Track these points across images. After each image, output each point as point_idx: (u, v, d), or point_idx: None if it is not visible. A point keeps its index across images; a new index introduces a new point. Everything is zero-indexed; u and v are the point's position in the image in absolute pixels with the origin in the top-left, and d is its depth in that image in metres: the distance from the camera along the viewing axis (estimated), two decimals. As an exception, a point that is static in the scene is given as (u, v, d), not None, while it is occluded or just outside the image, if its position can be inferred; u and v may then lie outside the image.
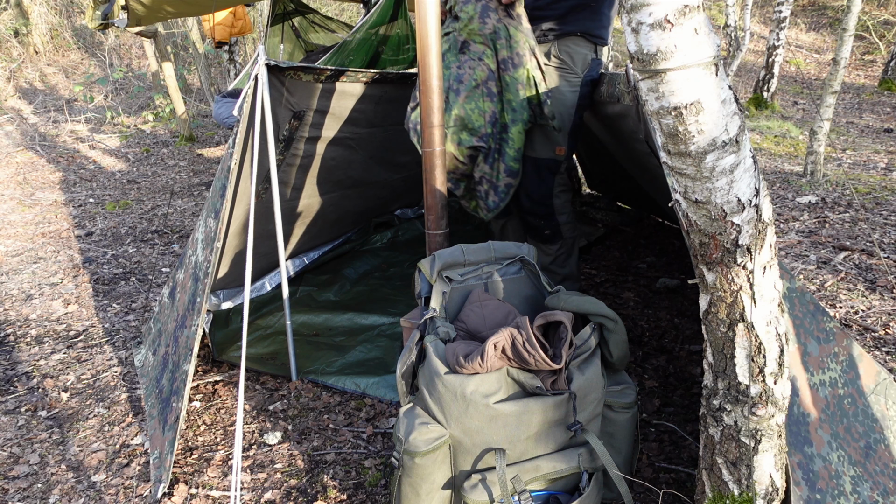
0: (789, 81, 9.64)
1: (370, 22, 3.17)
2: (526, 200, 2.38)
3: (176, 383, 1.93)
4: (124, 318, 2.93)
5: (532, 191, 2.35)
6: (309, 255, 3.22)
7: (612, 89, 2.09)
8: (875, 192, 4.22)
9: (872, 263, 3.07)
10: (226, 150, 1.93)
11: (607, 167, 3.59)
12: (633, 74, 1.81)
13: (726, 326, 1.20)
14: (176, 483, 1.82)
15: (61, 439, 2.07)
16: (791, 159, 5.57)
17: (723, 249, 1.14)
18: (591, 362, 1.51)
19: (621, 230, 3.81)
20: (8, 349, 2.68)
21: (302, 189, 2.62)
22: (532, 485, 1.46)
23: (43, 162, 6.25)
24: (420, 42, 1.83)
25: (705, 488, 1.38)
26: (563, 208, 2.40)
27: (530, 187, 2.35)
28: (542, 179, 2.33)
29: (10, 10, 9.82)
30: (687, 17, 0.93)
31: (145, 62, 9.64)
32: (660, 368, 2.31)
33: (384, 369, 2.35)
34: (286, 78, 2.02)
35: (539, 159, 2.30)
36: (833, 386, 1.48)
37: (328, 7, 10.17)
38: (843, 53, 4.52)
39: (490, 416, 1.41)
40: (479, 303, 1.71)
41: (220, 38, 6.08)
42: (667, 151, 1.08)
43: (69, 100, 8.75)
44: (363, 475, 1.83)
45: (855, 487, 1.37)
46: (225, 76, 8.91)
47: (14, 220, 4.51)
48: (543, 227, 2.41)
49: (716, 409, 1.29)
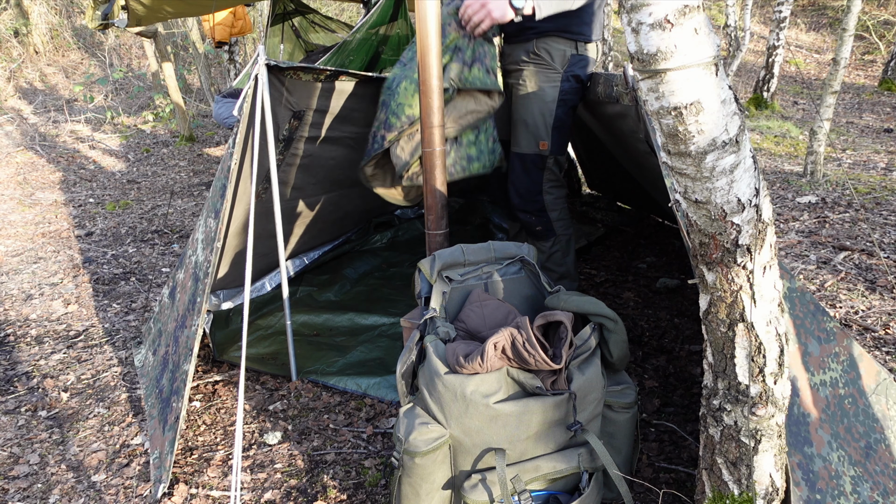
0: (789, 81, 9.64)
1: (370, 22, 3.17)
2: (515, 197, 2.44)
3: (176, 383, 1.93)
4: (124, 318, 2.93)
5: (520, 186, 2.41)
6: (309, 255, 3.22)
7: (609, 90, 2.09)
8: (875, 192, 4.22)
9: (872, 263, 3.07)
10: (226, 150, 1.93)
11: (607, 167, 3.59)
12: (632, 75, 1.81)
13: (726, 326, 1.20)
14: (176, 483, 1.82)
15: (61, 439, 2.07)
16: (791, 159, 5.57)
17: (723, 249, 1.14)
18: (591, 362, 1.51)
19: (621, 230, 3.80)
20: (8, 349, 2.68)
21: (302, 189, 2.62)
22: (532, 485, 1.46)
23: (43, 162, 6.25)
24: (420, 42, 1.83)
25: (705, 488, 1.38)
26: (554, 205, 2.44)
27: (518, 183, 2.41)
28: (529, 175, 2.39)
29: (10, 10, 9.82)
30: (687, 17, 0.93)
31: (145, 62, 9.64)
32: (660, 368, 2.31)
33: (385, 369, 2.35)
34: (286, 78, 2.02)
35: (524, 155, 2.37)
36: (834, 386, 1.48)
37: (328, 7, 10.17)
38: (843, 53, 4.52)
39: (490, 416, 1.41)
40: (479, 303, 1.71)
41: (220, 38, 6.08)
42: (667, 151, 1.08)
43: (69, 100, 8.75)
44: (363, 475, 1.83)
45: (855, 487, 1.37)
46: (225, 76, 8.92)
47: (14, 220, 4.51)
48: (535, 224, 2.46)
49: (716, 409, 1.29)
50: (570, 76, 2.28)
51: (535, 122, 2.32)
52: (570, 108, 2.34)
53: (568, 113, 2.34)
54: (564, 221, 2.49)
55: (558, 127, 2.33)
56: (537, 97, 2.29)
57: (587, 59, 2.30)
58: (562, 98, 2.30)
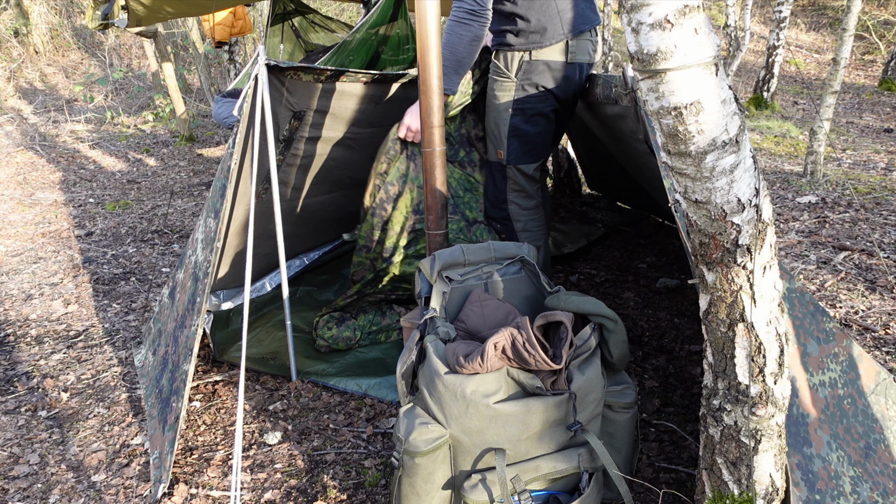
0: (789, 81, 9.64)
1: (370, 22, 3.17)
2: (486, 202, 2.54)
3: (176, 383, 1.93)
4: (124, 318, 2.93)
5: (488, 192, 2.51)
6: (309, 256, 3.22)
7: (608, 91, 2.09)
8: (875, 192, 4.22)
9: (872, 263, 3.07)
10: (226, 150, 1.93)
11: (607, 167, 3.59)
12: (631, 76, 1.82)
13: (726, 326, 1.20)
14: (176, 483, 1.82)
15: (61, 439, 2.07)
16: (791, 159, 5.58)
17: (723, 249, 1.14)
18: (591, 362, 1.51)
19: (621, 230, 3.81)
20: (8, 349, 2.68)
21: (302, 189, 2.62)
22: (532, 485, 1.46)
23: (43, 162, 6.25)
24: (420, 42, 1.83)
25: (705, 488, 1.38)
26: (519, 215, 2.44)
27: (487, 189, 2.52)
28: (496, 182, 2.46)
29: (10, 10, 9.82)
30: (687, 17, 0.93)
31: (145, 62, 9.64)
32: (660, 368, 2.31)
33: (385, 369, 2.35)
34: (286, 78, 2.02)
35: (491, 162, 2.45)
36: (833, 386, 1.48)
37: (328, 7, 10.18)
38: (843, 53, 4.52)
39: (490, 416, 1.41)
40: (479, 303, 1.72)
41: (220, 38, 6.08)
42: (667, 151, 1.08)
43: (69, 100, 8.75)
44: (363, 475, 1.83)
45: (854, 488, 1.37)
46: (225, 76, 8.92)
47: (14, 220, 4.51)
48: (500, 231, 2.51)
49: (716, 409, 1.29)
50: (525, 85, 2.22)
51: (492, 130, 2.37)
52: (534, 116, 2.27)
53: (531, 122, 2.28)
54: (532, 234, 2.45)
55: (516, 136, 2.30)
56: (493, 106, 2.33)
57: (546, 65, 2.20)
58: (518, 107, 2.26)
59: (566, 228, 3.55)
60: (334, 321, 2.52)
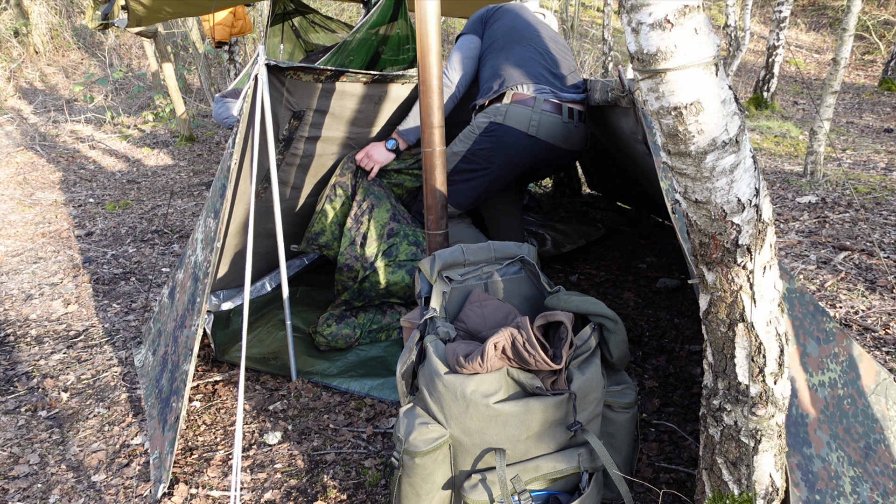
0: (789, 81, 9.64)
1: (370, 22, 3.17)
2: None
3: (176, 383, 1.93)
4: (124, 318, 2.93)
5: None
6: (309, 256, 3.22)
7: (605, 95, 2.09)
8: (875, 192, 4.22)
9: (872, 263, 3.07)
10: (226, 150, 1.93)
11: (607, 167, 3.59)
12: (628, 78, 1.82)
13: (726, 326, 1.20)
14: (176, 483, 1.82)
15: (61, 439, 2.07)
16: (791, 159, 5.58)
17: (723, 249, 1.14)
18: (591, 362, 1.51)
19: (621, 230, 3.80)
20: (8, 349, 2.68)
21: (302, 189, 2.62)
22: (532, 485, 1.46)
23: (43, 162, 6.25)
24: (420, 42, 1.83)
25: (705, 488, 1.38)
26: (459, 235, 2.60)
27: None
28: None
29: (10, 10, 9.82)
30: (687, 17, 0.93)
31: (145, 62, 9.64)
32: (660, 368, 2.31)
33: (387, 368, 2.35)
34: (286, 78, 2.02)
35: None
36: (832, 386, 1.48)
37: (328, 7, 10.18)
38: (843, 53, 4.52)
39: (490, 416, 1.41)
40: (479, 303, 1.71)
41: (220, 38, 6.07)
42: (667, 151, 1.08)
43: (69, 100, 8.75)
44: (363, 475, 1.83)
45: (854, 488, 1.37)
46: (225, 76, 8.92)
47: (14, 220, 4.51)
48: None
49: (716, 409, 1.29)
50: (474, 132, 2.49)
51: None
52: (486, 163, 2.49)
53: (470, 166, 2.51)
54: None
55: (456, 174, 2.54)
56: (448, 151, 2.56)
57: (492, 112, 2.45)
58: (471, 149, 2.51)
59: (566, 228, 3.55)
60: (334, 318, 2.53)
